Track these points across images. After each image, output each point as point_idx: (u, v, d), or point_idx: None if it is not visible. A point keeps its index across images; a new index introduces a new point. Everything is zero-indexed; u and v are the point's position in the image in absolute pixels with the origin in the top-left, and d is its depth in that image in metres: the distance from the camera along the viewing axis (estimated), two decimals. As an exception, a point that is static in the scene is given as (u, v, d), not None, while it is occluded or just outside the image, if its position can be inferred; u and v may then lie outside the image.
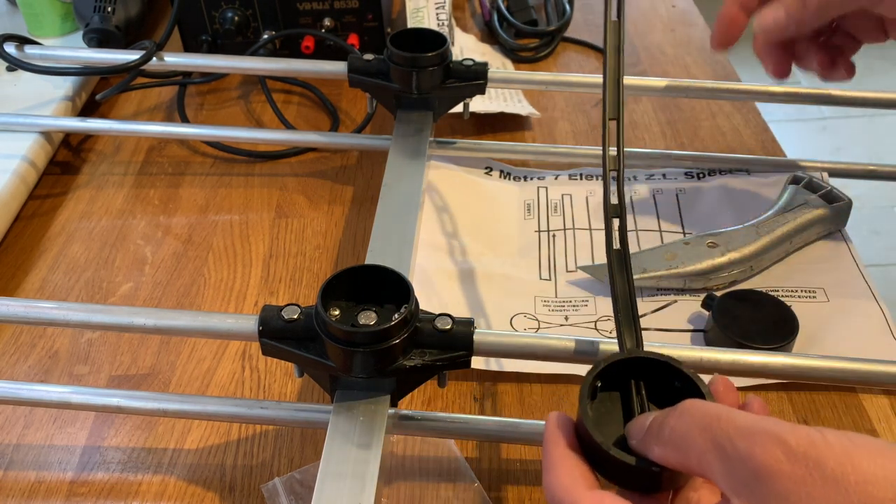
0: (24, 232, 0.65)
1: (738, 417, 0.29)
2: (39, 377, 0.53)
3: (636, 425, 0.34)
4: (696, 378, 0.35)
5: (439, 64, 0.61)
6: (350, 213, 0.66)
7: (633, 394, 0.36)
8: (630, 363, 0.37)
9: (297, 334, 0.41)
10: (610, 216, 0.43)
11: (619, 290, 0.41)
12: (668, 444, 0.31)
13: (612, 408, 0.36)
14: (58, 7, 0.82)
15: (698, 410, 0.31)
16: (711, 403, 0.31)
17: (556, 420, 0.35)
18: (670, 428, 0.31)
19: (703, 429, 0.30)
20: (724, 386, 0.36)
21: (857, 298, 0.55)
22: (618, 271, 0.41)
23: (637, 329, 0.39)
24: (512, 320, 0.55)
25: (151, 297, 0.59)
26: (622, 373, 0.37)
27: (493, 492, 0.46)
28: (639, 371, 0.37)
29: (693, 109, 0.76)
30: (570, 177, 0.67)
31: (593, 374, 0.36)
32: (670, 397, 0.35)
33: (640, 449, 0.33)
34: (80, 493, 0.47)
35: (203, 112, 0.78)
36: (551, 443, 0.34)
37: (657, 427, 0.32)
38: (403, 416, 0.45)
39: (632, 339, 0.39)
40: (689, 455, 0.30)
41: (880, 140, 2.09)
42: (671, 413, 0.32)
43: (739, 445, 0.28)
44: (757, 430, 0.28)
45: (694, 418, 0.30)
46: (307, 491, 0.45)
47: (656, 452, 0.32)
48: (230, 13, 0.78)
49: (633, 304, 0.40)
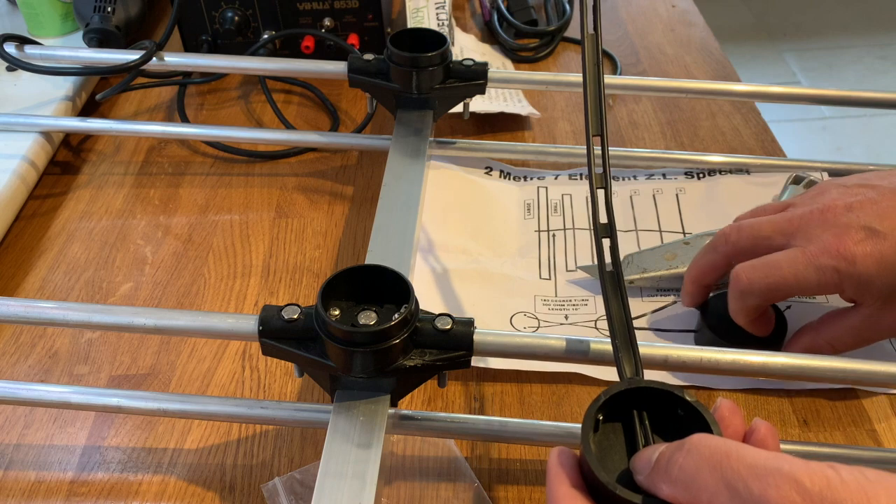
0: (24, 232, 0.65)
1: (749, 455, 0.29)
2: (39, 377, 0.53)
3: (641, 460, 0.33)
4: (700, 407, 0.34)
5: (439, 64, 0.61)
6: (350, 213, 0.66)
7: (637, 424, 0.35)
8: (631, 393, 0.36)
9: (297, 334, 0.41)
10: (600, 236, 0.42)
11: (615, 314, 0.40)
12: (678, 484, 0.30)
13: (615, 439, 0.35)
14: (58, 7, 0.82)
15: (706, 447, 0.30)
16: (720, 439, 0.30)
17: (558, 457, 0.35)
18: (679, 466, 0.30)
19: (712, 468, 0.29)
20: (730, 411, 0.35)
21: None
22: (612, 295, 0.41)
23: (636, 356, 0.39)
24: (512, 319, 0.55)
25: (151, 297, 0.59)
26: (624, 403, 0.36)
27: (493, 492, 0.46)
28: (641, 401, 0.36)
29: (693, 109, 0.76)
30: (570, 177, 0.67)
31: (595, 407, 0.35)
32: (675, 426, 0.34)
33: (647, 486, 0.32)
34: (80, 493, 0.47)
35: (203, 112, 0.78)
36: (555, 482, 0.34)
37: (664, 463, 0.31)
38: (403, 415, 0.45)
39: (631, 366, 0.38)
40: (700, 495, 0.29)
41: (880, 140, 2.09)
42: (679, 449, 0.31)
43: (753, 487, 0.27)
44: (770, 469, 0.27)
45: (703, 456, 0.30)
46: (307, 491, 0.45)
47: (665, 490, 0.31)
48: (230, 13, 0.78)
49: (630, 330, 0.39)
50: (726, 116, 0.75)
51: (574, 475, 0.34)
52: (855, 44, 2.49)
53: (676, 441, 0.31)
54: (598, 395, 0.36)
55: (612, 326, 0.40)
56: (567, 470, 0.34)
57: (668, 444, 0.32)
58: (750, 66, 2.38)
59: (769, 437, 0.34)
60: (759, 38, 2.49)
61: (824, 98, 0.64)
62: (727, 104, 0.77)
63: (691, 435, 0.31)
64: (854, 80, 2.33)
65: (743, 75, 0.82)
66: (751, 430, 0.34)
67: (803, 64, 2.42)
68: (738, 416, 0.35)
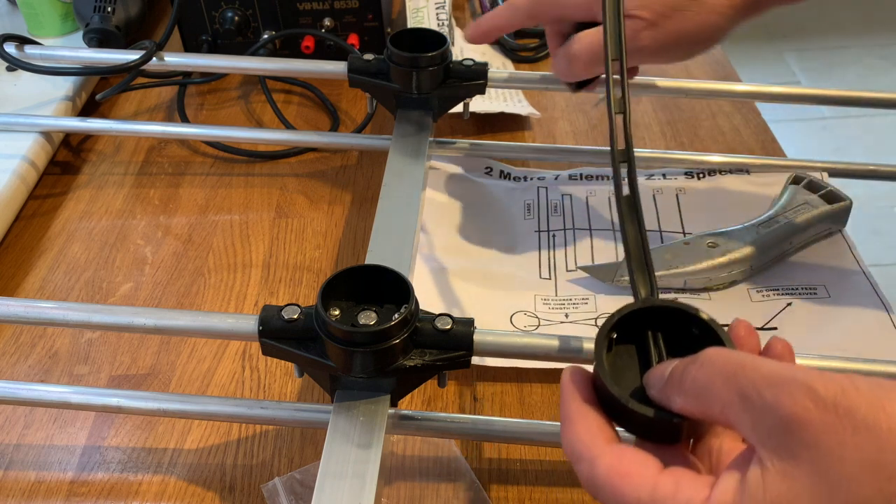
0: (24, 232, 0.65)
1: (764, 365, 0.28)
2: (39, 377, 0.53)
3: (655, 374, 0.33)
4: (715, 325, 0.34)
5: (439, 64, 0.61)
6: (350, 213, 0.66)
7: (651, 344, 0.35)
8: (645, 313, 0.35)
9: (297, 334, 0.41)
10: (617, 161, 0.41)
11: (631, 237, 0.39)
12: (690, 395, 0.30)
13: (629, 360, 0.35)
14: (58, 7, 0.82)
15: (721, 359, 0.30)
16: (734, 351, 0.30)
17: (571, 374, 0.34)
18: (692, 378, 0.30)
19: (726, 378, 0.29)
20: (745, 330, 0.35)
21: (859, 293, 0.55)
22: (628, 219, 0.40)
23: (651, 277, 0.38)
24: (512, 318, 0.55)
25: (151, 297, 0.59)
26: (638, 324, 0.35)
27: (493, 492, 0.46)
28: (655, 321, 0.35)
29: (693, 109, 0.76)
30: (570, 177, 0.67)
31: (609, 325, 0.35)
32: (689, 347, 0.33)
33: (660, 399, 0.32)
34: (80, 493, 0.47)
35: (203, 112, 0.78)
36: (568, 397, 0.33)
37: (678, 377, 0.31)
38: (403, 416, 0.45)
39: (646, 287, 0.38)
40: (713, 405, 0.29)
41: (880, 140, 2.09)
42: (692, 362, 0.31)
43: (766, 395, 0.27)
44: (784, 378, 0.27)
45: (716, 367, 0.29)
46: (307, 491, 0.45)
47: (677, 403, 0.31)
48: (230, 13, 0.78)
49: (646, 251, 0.39)
50: (726, 116, 0.75)
51: (586, 391, 0.34)
52: (855, 44, 2.49)
53: (690, 356, 0.31)
54: (612, 314, 0.35)
55: (628, 248, 0.39)
56: (579, 386, 0.34)
57: (682, 359, 0.32)
58: (750, 66, 2.38)
59: (786, 353, 0.34)
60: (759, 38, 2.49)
61: (824, 98, 0.64)
62: (727, 104, 0.77)
63: (705, 349, 0.31)
64: (854, 80, 2.33)
65: (743, 75, 0.82)
66: (767, 347, 0.34)
67: (803, 64, 2.42)
68: (753, 335, 0.35)
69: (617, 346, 0.35)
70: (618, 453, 0.31)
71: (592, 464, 0.31)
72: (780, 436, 0.27)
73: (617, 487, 0.30)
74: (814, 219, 0.59)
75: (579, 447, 0.32)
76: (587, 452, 0.31)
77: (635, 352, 0.35)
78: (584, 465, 0.31)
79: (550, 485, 0.46)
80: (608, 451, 0.31)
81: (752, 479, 0.27)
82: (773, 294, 0.56)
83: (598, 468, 0.30)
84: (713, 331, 0.34)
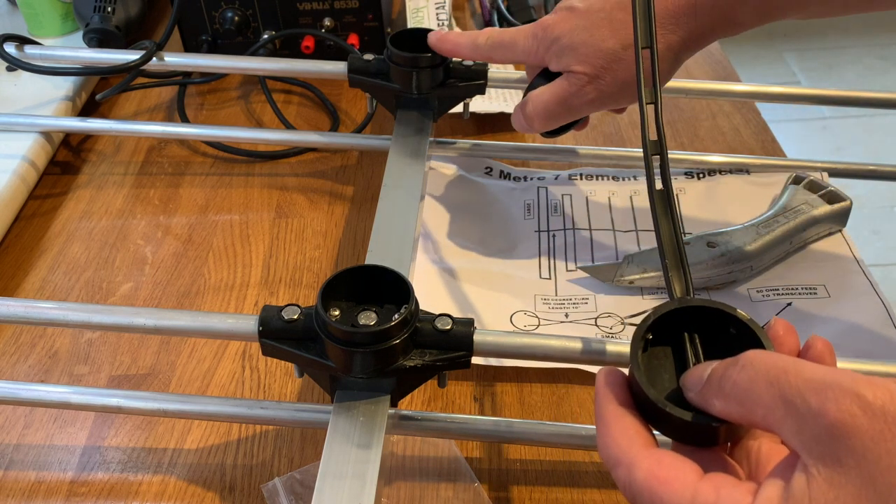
0: (24, 232, 0.65)
1: (807, 370, 0.28)
2: (39, 377, 0.53)
3: (693, 376, 0.32)
4: (754, 325, 0.33)
5: (439, 64, 0.61)
6: (350, 213, 0.66)
7: (687, 344, 0.34)
8: (681, 313, 0.35)
9: (297, 334, 0.41)
10: (650, 153, 0.40)
11: (665, 233, 0.38)
12: (731, 399, 0.29)
13: (665, 361, 0.34)
14: (58, 7, 0.82)
15: (763, 363, 0.29)
16: (776, 354, 0.29)
17: (606, 376, 0.34)
18: (732, 381, 0.29)
19: (769, 383, 0.28)
20: (784, 329, 0.34)
21: (859, 292, 0.55)
22: (662, 214, 0.39)
23: (687, 275, 0.37)
24: (512, 317, 0.55)
25: (151, 297, 0.59)
26: (673, 324, 0.35)
27: (493, 492, 0.46)
28: (691, 321, 0.35)
29: (693, 109, 0.76)
30: (570, 177, 0.67)
31: (644, 326, 0.34)
32: (726, 347, 0.33)
33: (699, 402, 0.31)
34: (80, 493, 0.47)
35: (203, 112, 0.78)
36: (604, 400, 0.33)
37: (717, 379, 0.30)
38: (403, 416, 0.45)
39: (681, 285, 0.37)
40: (755, 410, 0.28)
41: (880, 140, 2.09)
42: (733, 365, 0.30)
43: (811, 401, 0.26)
44: (829, 383, 0.26)
45: (758, 371, 0.29)
46: (307, 491, 0.45)
47: (717, 406, 0.30)
48: (230, 13, 0.78)
49: (681, 249, 0.38)
50: (726, 116, 0.75)
51: (622, 394, 0.33)
52: (855, 44, 2.49)
53: (730, 358, 0.30)
54: (648, 314, 0.35)
55: (661, 246, 0.38)
56: (615, 389, 0.33)
57: (721, 361, 0.31)
58: (750, 66, 2.38)
59: (826, 353, 0.33)
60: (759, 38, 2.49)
61: (824, 98, 0.64)
62: (727, 104, 0.77)
63: (746, 351, 0.30)
64: (854, 80, 2.33)
65: (743, 75, 0.82)
66: (806, 346, 0.33)
67: (803, 64, 2.42)
68: (792, 334, 0.34)
69: (652, 346, 0.35)
70: (656, 458, 0.30)
71: (630, 469, 0.30)
72: (826, 443, 0.26)
73: (656, 494, 0.29)
74: (814, 219, 0.59)
75: (616, 452, 0.31)
76: (625, 457, 0.31)
77: (671, 352, 0.35)
78: (622, 470, 0.31)
79: (550, 485, 0.46)
80: (646, 455, 0.30)
81: (796, 486, 0.27)
82: (773, 294, 0.56)
83: (637, 473, 0.30)
84: (752, 331, 0.33)
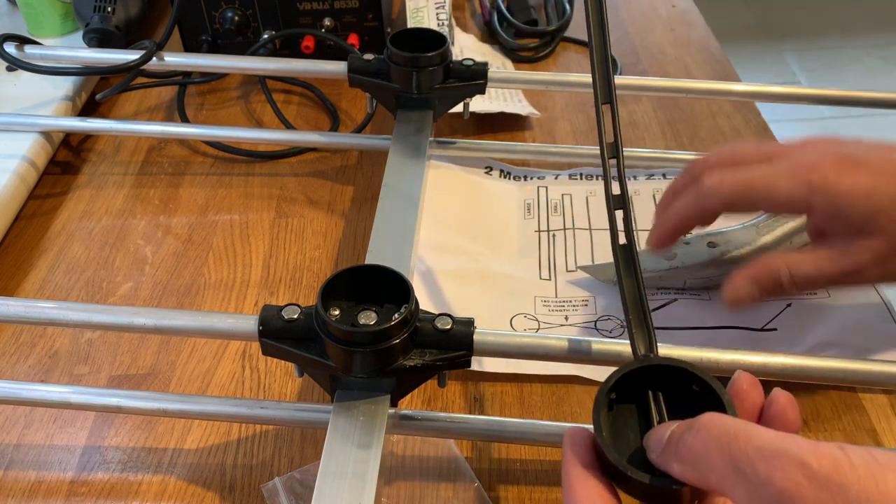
0: (24, 232, 0.65)
1: (758, 436, 0.28)
2: (39, 377, 0.53)
3: (654, 438, 0.33)
4: (714, 384, 0.34)
5: (439, 64, 0.61)
6: (350, 213, 0.66)
7: (651, 403, 0.35)
8: (645, 371, 0.35)
9: (297, 334, 0.41)
10: (613, 208, 0.40)
11: (628, 291, 0.39)
12: (687, 463, 0.30)
13: (631, 420, 0.35)
14: (58, 7, 0.82)
15: (715, 427, 0.30)
16: (729, 419, 0.30)
17: (571, 437, 0.34)
18: (687, 446, 0.30)
19: (721, 449, 0.29)
20: (748, 383, 0.34)
21: (860, 293, 0.55)
22: (625, 270, 0.39)
23: (650, 333, 0.37)
24: (512, 321, 0.55)
25: (151, 297, 0.59)
26: (639, 381, 0.35)
27: (493, 492, 0.46)
28: (655, 378, 0.35)
29: (693, 109, 0.76)
30: (571, 177, 0.67)
31: (607, 386, 0.35)
32: (690, 402, 0.33)
33: (660, 464, 0.32)
34: (80, 493, 0.47)
35: (203, 112, 0.78)
36: (568, 462, 0.34)
37: (675, 442, 0.31)
38: (403, 415, 0.45)
39: (644, 343, 0.37)
40: (708, 475, 0.29)
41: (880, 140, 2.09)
42: (689, 429, 0.31)
43: (759, 468, 0.27)
44: (777, 451, 0.27)
45: (711, 436, 0.29)
46: (307, 491, 0.45)
47: (676, 469, 0.31)
48: (230, 13, 0.78)
49: (644, 306, 0.38)
50: (726, 116, 0.75)
51: (586, 455, 0.34)
52: (855, 44, 2.49)
53: (688, 420, 0.31)
54: (610, 375, 0.35)
55: (626, 302, 0.39)
56: (580, 450, 0.34)
57: (680, 422, 0.32)
58: (750, 66, 2.37)
59: (788, 408, 0.33)
60: (759, 38, 2.49)
61: (824, 98, 0.64)
62: (727, 104, 0.77)
63: (702, 414, 0.31)
64: (854, 80, 2.33)
65: (743, 75, 0.82)
66: (769, 401, 0.34)
67: (803, 64, 2.42)
68: (756, 388, 0.34)
69: (618, 404, 0.35)
70: None
71: None
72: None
73: None
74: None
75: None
76: None
77: (636, 410, 0.35)
78: None
79: (550, 485, 0.46)
80: None
81: None
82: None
83: None
84: (713, 389, 0.34)
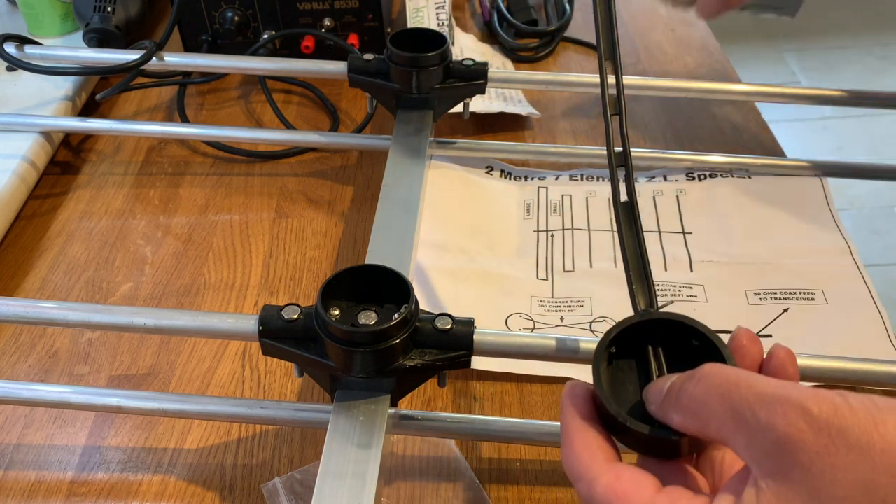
0: (24, 232, 0.65)
1: (758, 384, 0.28)
2: (39, 377, 0.53)
3: (654, 390, 0.33)
4: (714, 338, 0.34)
5: (439, 64, 0.61)
6: (350, 213, 0.66)
7: (651, 357, 0.35)
8: (644, 326, 0.35)
9: (297, 334, 0.41)
10: (615, 165, 0.40)
11: (629, 246, 0.39)
12: (687, 413, 0.30)
13: (630, 373, 0.35)
14: (58, 7, 0.82)
15: (716, 377, 0.30)
16: (730, 368, 0.30)
17: (570, 389, 0.34)
18: (688, 395, 0.30)
19: (721, 397, 0.29)
20: (748, 339, 0.34)
21: (857, 301, 0.55)
22: (626, 226, 0.39)
23: (650, 288, 0.37)
24: (507, 320, 0.55)
25: (151, 297, 0.59)
26: (638, 337, 0.35)
27: (493, 492, 0.46)
28: (655, 333, 0.35)
29: (693, 109, 0.76)
30: (571, 177, 0.67)
31: (607, 339, 0.35)
32: (690, 358, 0.33)
33: (659, 415, 0.32)
34: (80, 493, 0.47)
35: (203, 112, 0.78)
36: (567, 415, 0.33)
37: (675, 393, 0.31)
38: (403, 415, 0.45)
39: (645, 298, 0.37)
40: (709, 424, 0.29)
41: (880, 140, 2.09)
42: (689, 378, 0.31)
43: (760, 415, 0.27)
44: (778, 397, 0.27)
45: (712, 385, 0.29)
46: (307, 491, 0.45)
47: (675, 420, 0.31)
48: (230, 13, 0.78)
49: (645, 261, 0.38)
50: (726, 116, 0.75)
51: (585, 407, 0.34)
52: (855, 44, 2.49)
53: (688, 371, 0.31)
54: (611, 328, 0.35)
55: (626, 259, 0.38)
56: (579, 401, 0.34)
57: (680, 374, 0.32)
58: (750, 66, 2.37)
59: (787, 363, 0.34)
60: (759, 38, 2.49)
61: (824, 98, 0.64)
62: (727, 104, 0.77)
63: (702, 365, 0.31)
64: (854, 80, 2.33)
65: (743, 75, 0.82)
66: (769, 356, 0.34)
67: (803, 64, 2.42)
68: (756, 343, 0.34)
69: (618, 359, 0.35)
70: (616, 473, 0.31)
71: (591, 484, 0.31)
72: (774, 457, 0.27)
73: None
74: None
75: (578, 466, 0.32)
76: (586, 472, 0.31)
77: (636, 365, 0.35)
78: (583, 484, 0.31)
79: (550, 485, 0.46)
80: (606, 470, 0.31)
81: (746, 500, 0.27)
82: (771, 298, 0.56)
83: (597, 488, 0.31)
84: (713, 343, 0.34)
